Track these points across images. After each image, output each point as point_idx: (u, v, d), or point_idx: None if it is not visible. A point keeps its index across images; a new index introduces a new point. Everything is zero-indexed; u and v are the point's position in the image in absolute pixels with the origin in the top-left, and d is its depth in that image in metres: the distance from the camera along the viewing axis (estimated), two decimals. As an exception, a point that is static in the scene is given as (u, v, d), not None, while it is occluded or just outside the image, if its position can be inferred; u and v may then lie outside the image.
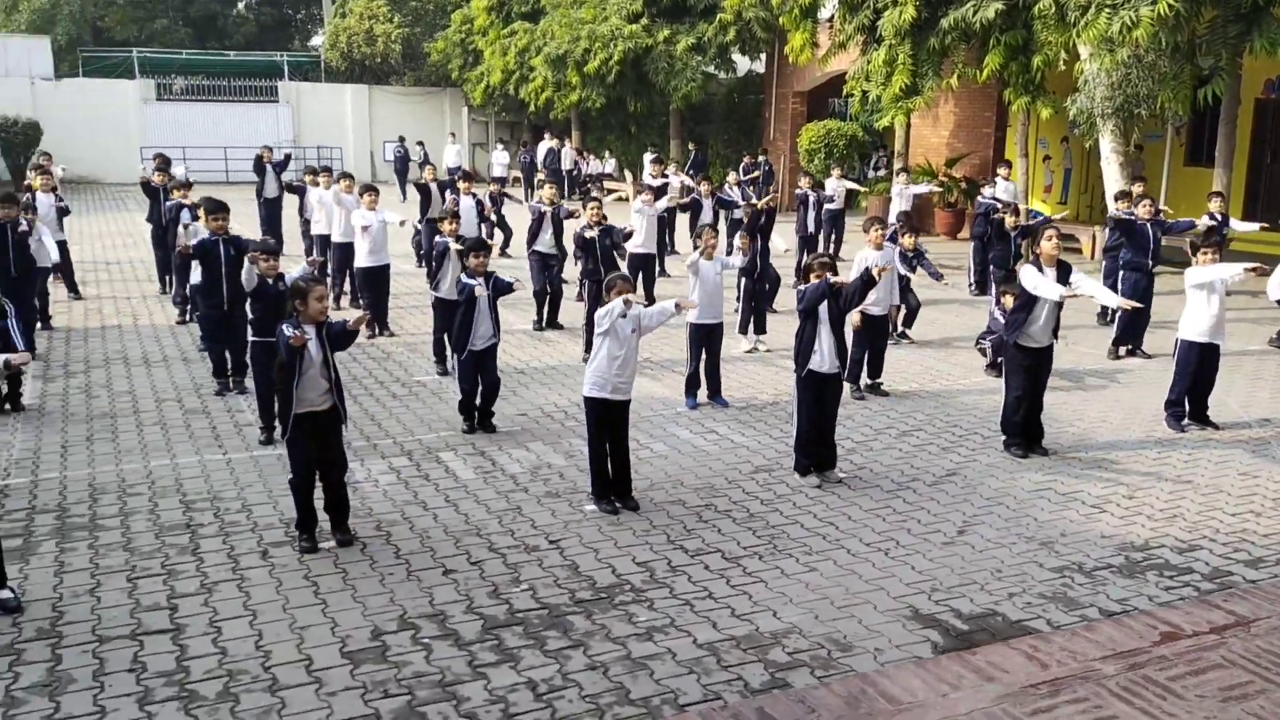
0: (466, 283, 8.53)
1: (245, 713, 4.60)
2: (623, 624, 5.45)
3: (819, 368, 7.47)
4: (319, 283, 6.46)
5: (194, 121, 34.76)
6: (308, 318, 6.27)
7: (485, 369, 8.65)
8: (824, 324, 7.45)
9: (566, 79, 27.52)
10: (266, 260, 8.19)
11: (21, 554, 6.14)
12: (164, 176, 14.45)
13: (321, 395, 6.27)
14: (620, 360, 6.96)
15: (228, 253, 9.40)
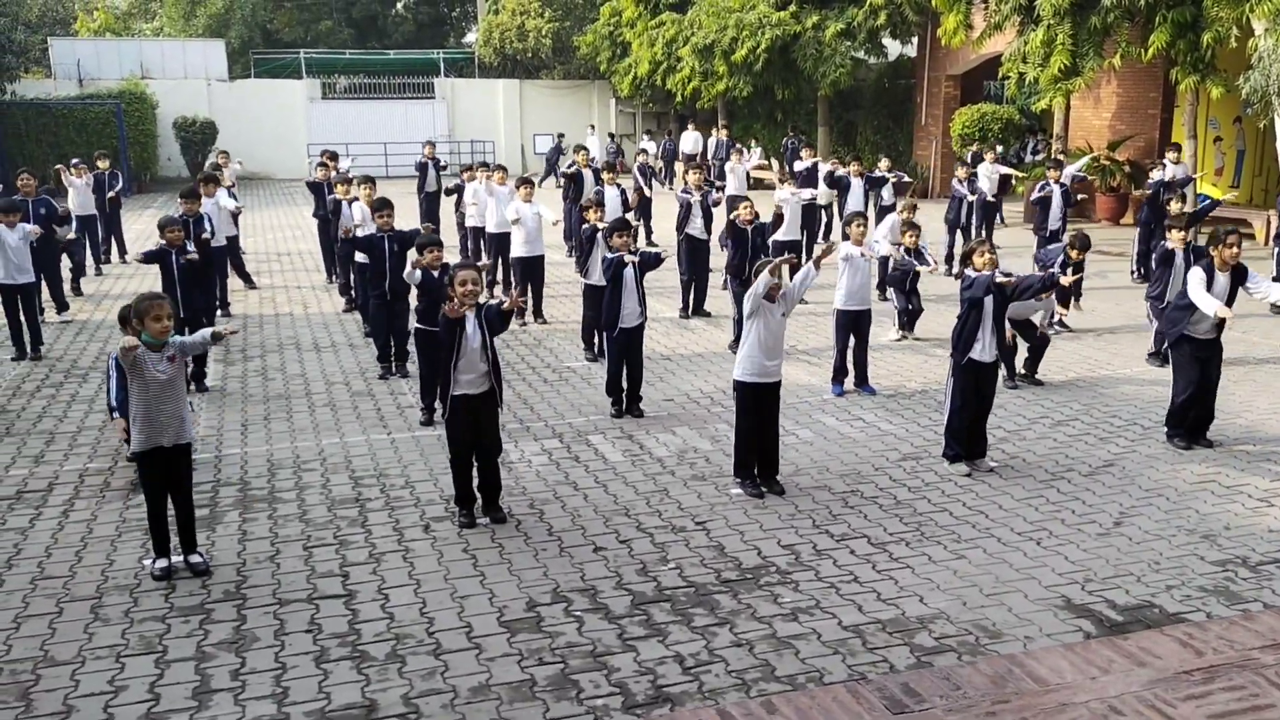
0: (611, 256, 8.73)
1: (411, 673, 4.90)
2: (768, 604, 5.54)
3: (980, 356, 7.38)
4: (465, 268, 6.66)
5: (356, 119, 36.28)
6: (460, 299, 6.52)
7: (632, 352, 8.84)
8: (988, 317, 7.36)
9: (714, 68, 27.54)
10: (431, 253, 8.51)
11: (209, 523, 6.64)
12: (326, 171, 15.13)
13: (479, 377, 6.54)
14: (770, 343, 7.03)
15: (391, 248, 9.86)
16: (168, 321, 5.77)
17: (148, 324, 5.73)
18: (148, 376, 5.72)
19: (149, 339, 5.73)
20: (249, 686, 4.79)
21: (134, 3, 46.36)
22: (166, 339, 5.79)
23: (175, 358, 5.82)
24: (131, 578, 5.89)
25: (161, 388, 5.76)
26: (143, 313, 5.75)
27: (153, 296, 5.91)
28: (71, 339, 11.99)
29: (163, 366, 5.76)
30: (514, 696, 4.70)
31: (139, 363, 5.68)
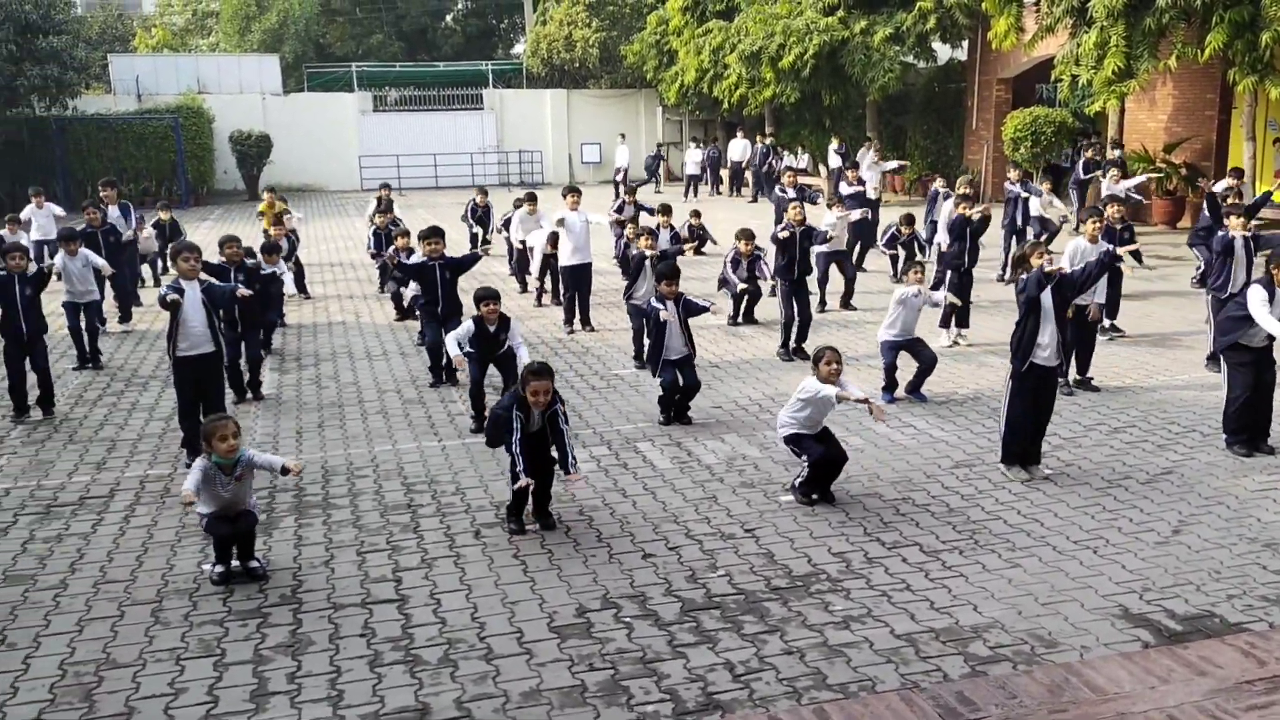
0: (654, 307, 8.80)
1: (464, 678, 4.94)
2: (819, 612, 5.51)
3: (1043, 360, 7.29)
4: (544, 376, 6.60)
5: (406, 130, 36.70)
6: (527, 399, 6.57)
7: (684, 372, 8.88)
8: (1048, 317, 7.28)
9: (760, 75, 27.49)
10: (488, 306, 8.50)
11: (265, 528, 6.74)
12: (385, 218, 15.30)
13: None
14: (817, 420, 7.11)
15: (443, 275, 9.99)
16: (234, 440, 5.91)
17: (214, 445, 5.89)
18: (216, 491, 5.92)
19: (217, 459, 5.89)
20: (305, 689, 4.86)
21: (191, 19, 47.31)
22: (235, 458, 5.92)
23: (243, 476, 5.99)
24: (191, 582, 6.01)
25: (230, 496, 5.97)
26: (209, 434, 5.93)
27: (218, 418, 6.11)
28: (132, 348, 12.25)
29: (230, 486, 5.94)
30: (565, 702, 4.72)
31: (209, 481, 5.88)
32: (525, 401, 6.52)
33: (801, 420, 7.10)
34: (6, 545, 6.58)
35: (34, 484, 7.70)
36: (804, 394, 7.04)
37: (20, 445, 8.64)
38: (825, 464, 7.04)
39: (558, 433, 6.57)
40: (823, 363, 7.01)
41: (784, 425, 7.20)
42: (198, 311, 7.90)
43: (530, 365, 6.70)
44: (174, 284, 7.96)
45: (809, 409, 7.05)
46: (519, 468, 6.45)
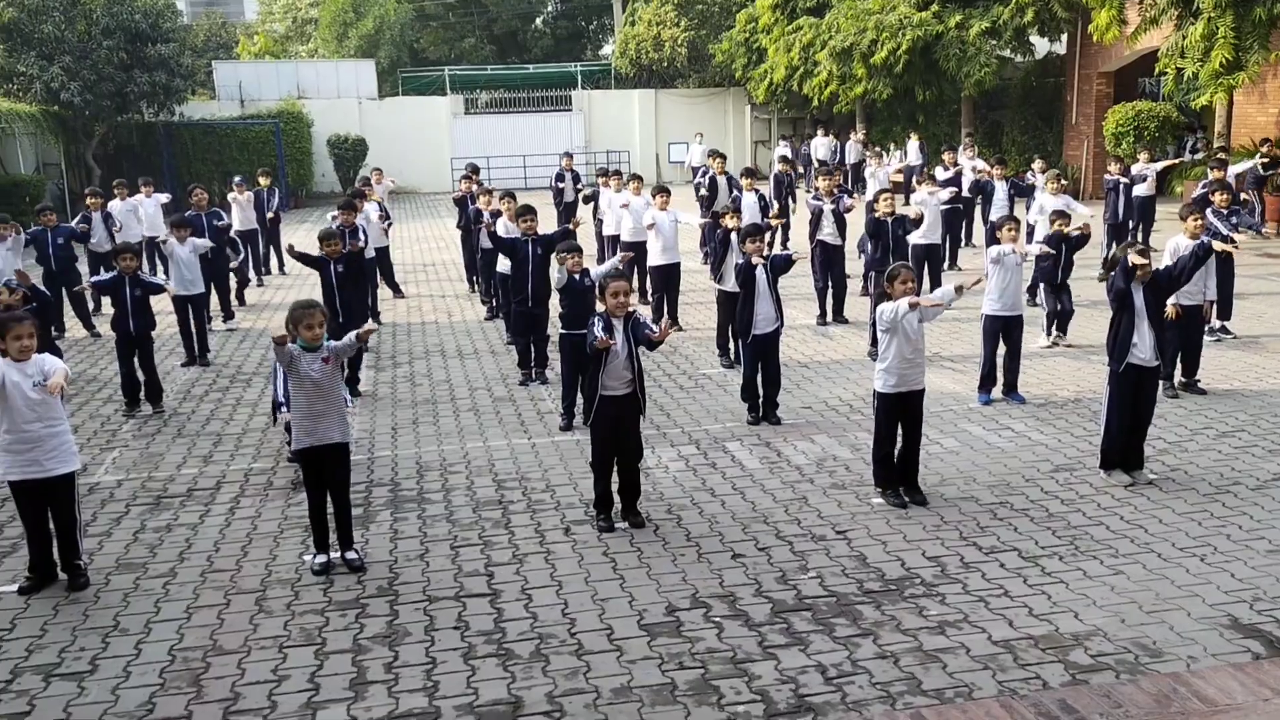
0: (742, 261, 8.72)
1: (555, 672, 4.99)
2: (913, 616, 5.42)
3: (1140, 360, 7.08)
4: (617, 278, 6.81)
5: (496, 132, 37.18)
6: (610, 311, 6.65)
7: (768, 358, 8.80)
8: (1141, 315, 7.06)
9: (852, 71, 27.19)
10: (573, 258, 8.70)
11: (363, 522, 6.90)
12: (469, 183, 15.65)
13: (624, 384, 6.63)
14: (911, 354, 6.89)
15: (534, 251, 10.08)
16: (319, 329, 6.06)
17: (301, 331, 6.04)
18: (303, 374, 6.02)
19: (303, 344, 6.02)
20: (401, 679, 4.96)
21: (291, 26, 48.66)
22: (319, 344, 6.06)
23: (329, 359, 6.09)
24: (293, 572, 6.18)
25: (317, 387, 6.05)
26: (297, 320, 6.07)
27: (306, 305, 6.22)
28: (236, 346, 12.65)
29: (316, 366, 6.04)
30: (655, 699, 4.73)
31: (295, 361, 5.99)
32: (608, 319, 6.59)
33: (891, 361, 6.85)
34: (119, 534, 6.85)
35: (145, 476, 8.01)
36: (883, 319, 6.83)
37: (131, 439, 8.99)
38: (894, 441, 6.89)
39: (639, 325, 6.65)
40: (898, 281, 6.84)
41: (877, 375, 7.04)
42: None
43: (609, 272, 6.78)
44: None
45: (894, 339, 6.84)
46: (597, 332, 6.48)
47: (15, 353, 5.80)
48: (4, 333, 5.81)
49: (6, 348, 5.81)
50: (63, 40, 26.06)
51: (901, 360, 6.88)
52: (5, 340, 5.80)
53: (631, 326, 6.66)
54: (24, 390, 5.78)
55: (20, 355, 5.81)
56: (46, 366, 5.88)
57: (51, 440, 5.87)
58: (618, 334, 6.59)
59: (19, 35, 25.95)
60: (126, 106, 28.11)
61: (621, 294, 6.67)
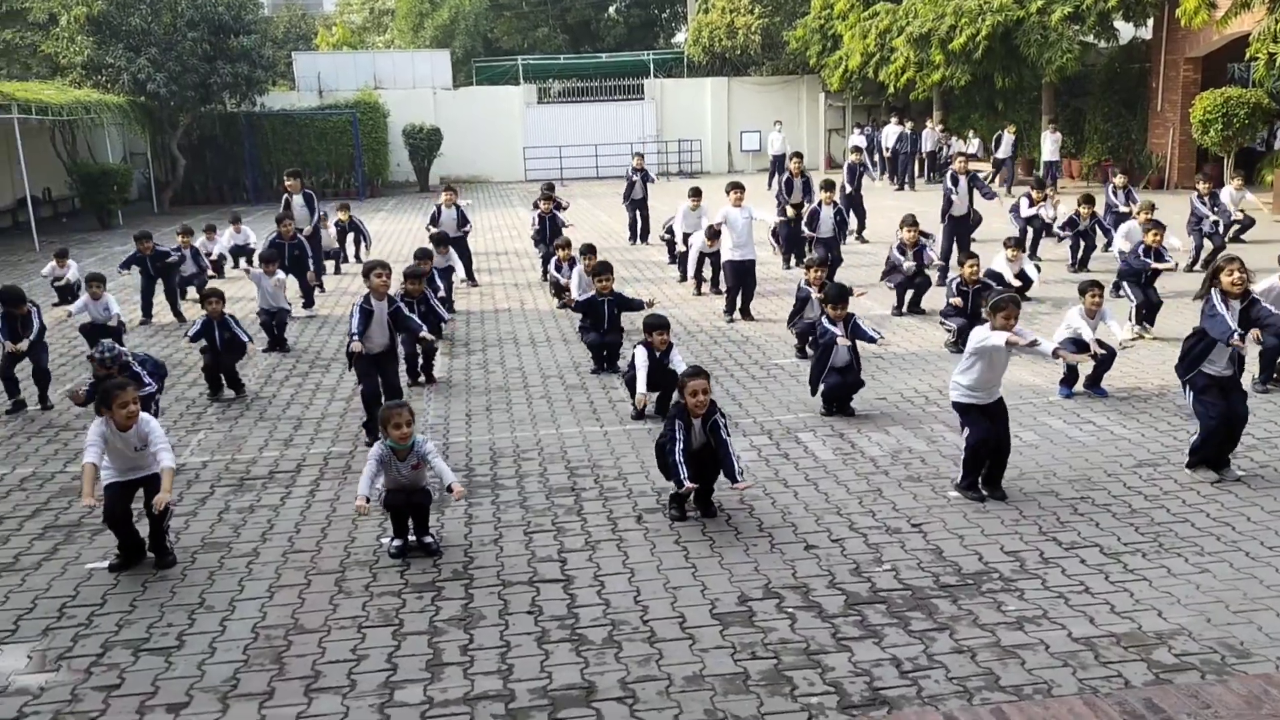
0: (828, 330, 8.66)
1: (628, 659, 5.01)
2: (991, 611, 5.34)
3: (1214, 372, 6.89)
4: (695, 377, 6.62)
5: (568, 122, 37.32)
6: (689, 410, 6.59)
7: (847, 376, 8.75)
8: (1221, 349, 6.88)
9: (929, 58, 26.77)
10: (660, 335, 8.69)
11: (438, 506, 6.98)
12: (548, 204, 15.92)
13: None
14: (992, 378, 6.83)
15: (611, 312, 10.51)
16: (407, 429, 6.16)
17: (389, 431, 6.15)
18: (393, 476, 6.20)
19: (392, 445, 6.16)
20: (477, 662, 5.02)
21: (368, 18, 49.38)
22: (409, 443, 6.18)
23: (419, 465, 6.23)
24: (370, 554, 6.29)
25: (407, 481, 6.23)
26: (385, 420, 6.21)
27: (395, 404, 6.36)
28: (315, 332, 12.90)
29: (406, 471, 6.20)
30: (728, 689, 4.72)
31: (386, 466, 6.16)
32: (686, 410, 6.55)
33: (972, 380, 6.77)
34: (205, 514, 7.04)
35: (228, 458, 8.21)
36: (974, 344, 6.72)
37: (216, 421, 9.23)
38: (985, 450, 6.74)
39: (720, 443, 6.55)
40: (1001, 314, 6.65)
41: (954, 387, 6.93)
42: (381, 328, 8.43)
43: (687, 369, 6.74)
44: (363, 302, 8.37)
45: (979, 363, 6.74)
46: (682, 475, 6.43)
47: (122, 420, 5.96)
48: (109, 401, 5.97)
49: (113, 415, 5.97)
50: (149, 32, 26.76)
51: (981, 382, 6.81)
52: (111, 408, 5.96)
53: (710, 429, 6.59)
54: (126, 454, 6.09)
55: (126, 422, 5.99)
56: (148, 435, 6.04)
57: (149, 466, 6.15)
58: (695, 435, 6.56)
59: (108, 28, 26.71)
60: (210, 97, 28.79)
61: (700, 392, 6.52)
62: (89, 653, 5.23)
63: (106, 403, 5.97)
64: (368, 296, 8.45)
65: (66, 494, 7.48)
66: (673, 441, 6.49)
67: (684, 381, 6.61)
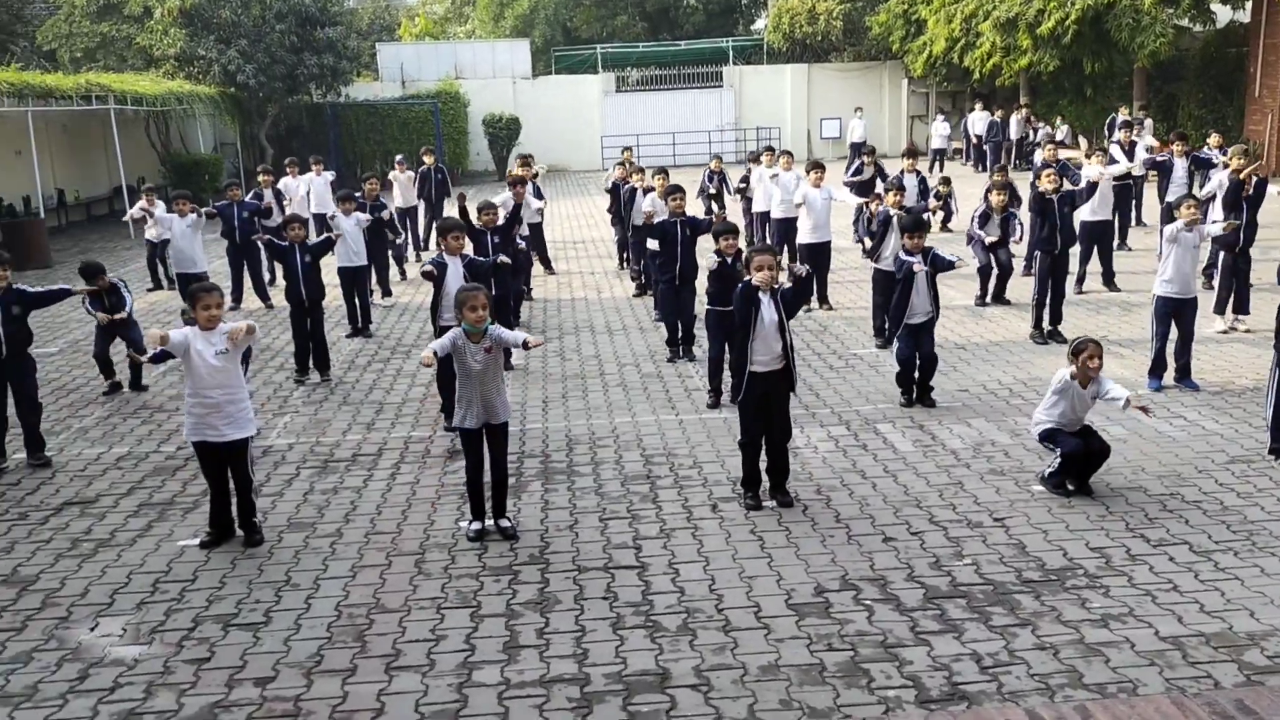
0: (905, 260, 8.55)
1: (702, 647, 5.01)
2: (1075, 608, 5.23)
3: None
4: (762, 252, 6.67)
5: (646, 110, 37.28)
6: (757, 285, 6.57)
7: (922, 343, 8.61)
8: None
9: (1016, 42, 26.17)
10: (727, 240, 8.65)
11: (515, 491, 7.07)
12: (624, 170, 15.87)
13: (774, 358, 6.58)
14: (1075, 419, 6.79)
15: (683, 232, 10.14)
16: (483, 311, 6.19)
17: (465, 313, 6.19)
18: (467, 363, 6.18)
19: (468, 327, 6.19)
20: (552, 645, 5.07)
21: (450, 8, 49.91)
22: (483, 327, 6.21)
23: (492, 349, 6.24)
24: (449, 537, 6.39)
25: (480, 374, 6.22)
26: (461, 303, 6.23)
27: (470, 288, 6.39)
28: (396, 319, 13.13)
29: (479, 356, 6.20)
30: (803, 679, 4.70)
31: (460, 351, 6.16)
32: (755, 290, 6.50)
33: (1057, 417, 6.74)
34: (291, 495, 7.22)
35: (313, 440, 8.40)
36: (1057, 386, 6.71)
37: (301, 405, 9.45)
38: (1080, 457, 6.65)
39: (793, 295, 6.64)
40: (1084, 356, 6.61)
41: (1038, 422, 6.87)
42: (457, 281, 8.38)
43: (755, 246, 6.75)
44: (437, 258, 8.49)
45: (1064, 404, 6.69)
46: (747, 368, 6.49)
47: (204, 321, 6.18)
48: (195, 302, 6.21)
49: (196, 316, 6.19)
50: (239, 25, 27.42)
51: (1065, 420, 6.76)
52: (195, 309, 6.19)
53: (779, 296, 6.58)
54: (207, 358, 6.15)
55: (208, 324, 6.19)
56: (232, 333, 6.22)
57: (229, 407, 6.22)
58: (765, 307, 6.52)
59: (200, 20, 27.43)
60: (296, 88, 29.37)
61: (766, 267, 6.55)
62: (180, 627, 5.40)
63: (192, 303, 6.24)
64: (441, 254, 8.63)
65: (160, 473, 7.74)
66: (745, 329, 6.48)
67: (752, 256, 6.60)
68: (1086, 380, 6.65)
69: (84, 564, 6.22)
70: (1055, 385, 6.74)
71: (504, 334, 6.30)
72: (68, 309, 14.36)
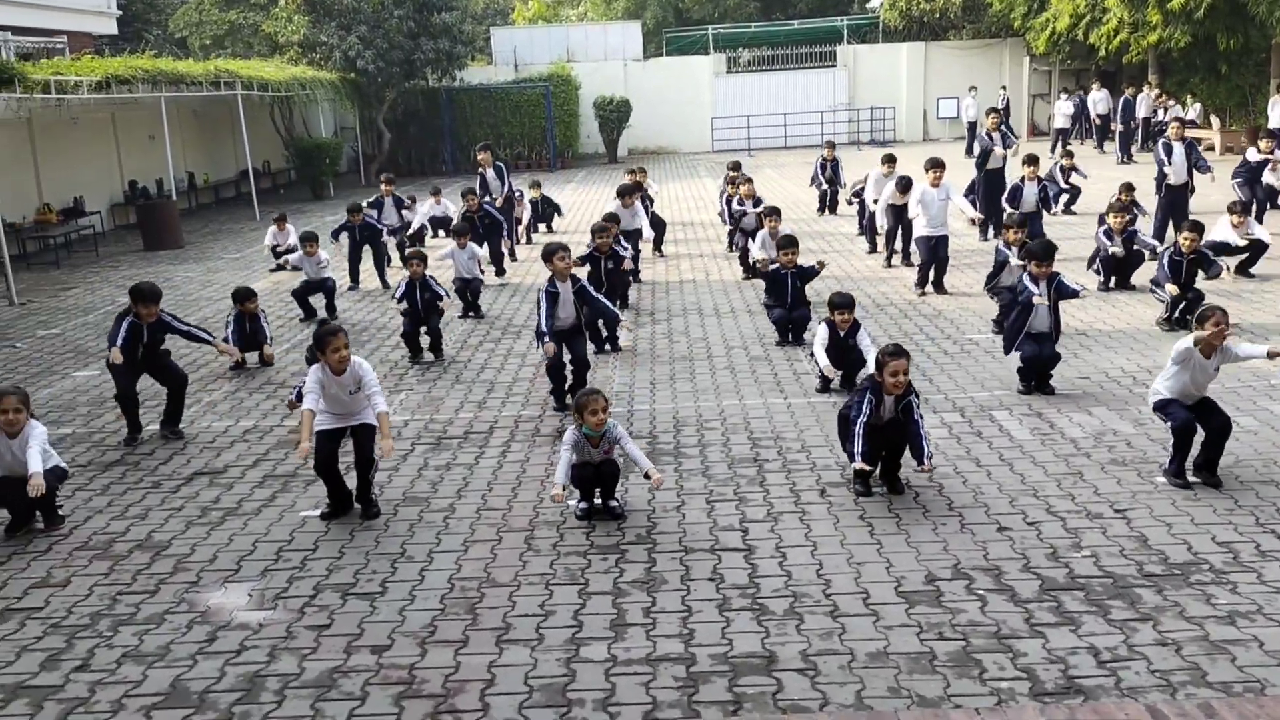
0: (1027, 289, 8.34)
1: (809, 631, 4.98)
2: (1199, 604, 5.03)
3: None
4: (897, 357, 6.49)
5: (757, 90, 36.95)
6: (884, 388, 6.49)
7: (1043, 346, 8.38)
8: None
9: (1145, 18, 25.09)
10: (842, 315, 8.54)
11: (623, 471, 7.11)
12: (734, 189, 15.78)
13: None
14: (1195, 390, 6.52)
15: (793, 284, 10.45)
16: (603, 415, 6.28)
17: (585, 417, 6.29)
18: (586, 458, 6.35)
19: (586, 430, 6.32)
20: (659, 624, 5.11)
21: (563, -9, 50.20)
22: (603, 430, 6.31)
23: (611, 449, 6.39)
24: (558, 515, 6.48)
25: (599, 461, 6.38)
26: (581, 408, 6.34)
27: (589, 391, 6.47)
28: (507, 300, 13.33)
29: (599, 457, 6.38)
30: (913, 667, 4.64)
31: (578, 449, 6.32)
32: (880, 388, 6.43)
33: (1174, 387, 6.47)
34: (406, 470, 7.42)
35: (427, 418, 8.61)
36: (1178, 355, 6.41)
37: (416, 383, 9.69)
38: (1191, 432, 6.38)
39: (913, 423, 6.43)
40: (1209, 323, 6.32)
41: (1155, 392, 6.60)
42: (568, 308, 8.64)
43: (887, 346, 6.60)
44: (548, 286, 8.56)
45: (1185, 374, 6.40)
46: (857, 451, 6.38)
47: (335, 364, 6.40)
48: (323, 347, 6.41)
49: (327, 359, 6.40)
50: (359, 11, 28.10)
51: (1182, 392, 6.49)
52: (325, 353, 6.40)
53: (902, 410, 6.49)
54: (341, 398, 6.49)
55: (339, 366, 6.41)
56: (362, 377, 6.46)
57: (360, 411, 6.58)
58: (887, 410, 6.48)
59: (322, 7, 28.20)
60: (413, 73, 29.98)
61: (901, 373, 6.40)
62: (302, 594, 5.61)
63: (321, 348, 6.40)
64: (551, 279, 8.64)
65: (284, 446, 8.03)
66: (859, 411, 6.40)
67: (884, 360, 6.47)
68: (1211, 350, 6.37)
69: (213, 531, 6.51)
70: (1176, 354, 6.46)
71: (629, 448, 6.36)
72: (197, 286, 15.01)
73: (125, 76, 18.49)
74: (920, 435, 6.40)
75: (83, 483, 7.45)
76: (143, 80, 19.06)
